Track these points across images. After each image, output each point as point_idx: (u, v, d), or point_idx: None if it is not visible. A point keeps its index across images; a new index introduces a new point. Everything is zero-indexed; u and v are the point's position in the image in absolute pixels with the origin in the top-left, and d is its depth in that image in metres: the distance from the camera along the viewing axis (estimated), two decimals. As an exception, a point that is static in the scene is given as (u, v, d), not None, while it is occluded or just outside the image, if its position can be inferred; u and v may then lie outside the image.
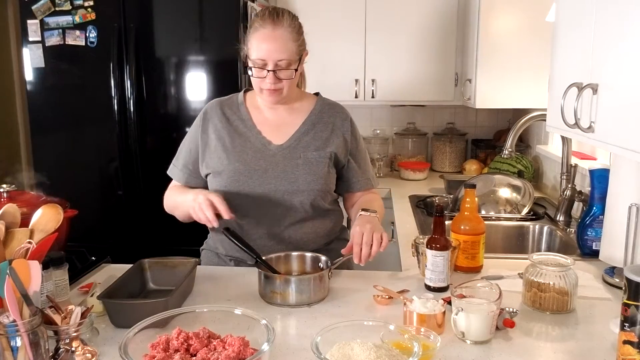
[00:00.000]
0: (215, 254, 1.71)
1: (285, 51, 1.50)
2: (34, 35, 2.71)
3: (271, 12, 1.53)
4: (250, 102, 1.67)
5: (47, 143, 2.83)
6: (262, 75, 1.53)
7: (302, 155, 1.60)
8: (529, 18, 2.57)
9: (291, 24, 1.53)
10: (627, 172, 1.53)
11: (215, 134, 1.63)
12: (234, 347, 0.99)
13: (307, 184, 1.59)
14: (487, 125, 3.56)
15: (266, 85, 1.54)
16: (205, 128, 1.65)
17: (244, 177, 1.58)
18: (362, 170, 1.71)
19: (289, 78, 1.54)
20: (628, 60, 1.17)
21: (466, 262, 1.59)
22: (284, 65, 1.51)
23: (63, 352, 1.05)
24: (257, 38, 1.51)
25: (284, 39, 1.51)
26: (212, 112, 1.66)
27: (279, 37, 1.50)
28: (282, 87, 1.55)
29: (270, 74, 1.52)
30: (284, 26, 1.51)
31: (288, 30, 1.52)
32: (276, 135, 1.63)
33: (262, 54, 1.50)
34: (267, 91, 1.55)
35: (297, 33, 1.55)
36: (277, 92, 1.56)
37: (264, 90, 1.56)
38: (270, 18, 1.51)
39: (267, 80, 1.53)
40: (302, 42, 1.57)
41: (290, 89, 1.58)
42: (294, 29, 1.54)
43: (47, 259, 1.26)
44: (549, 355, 1.15)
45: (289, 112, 1.66)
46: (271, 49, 1.50)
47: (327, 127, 1.65)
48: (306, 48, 1.60)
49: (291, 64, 1.53)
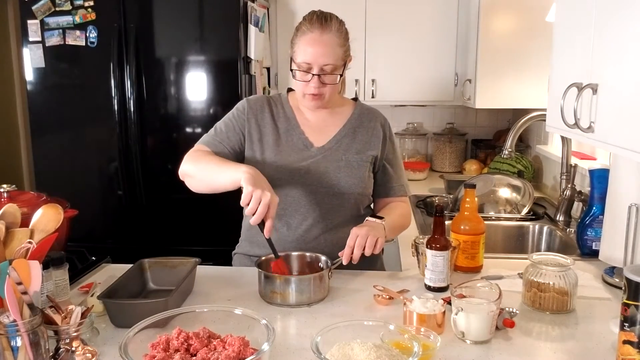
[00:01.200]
0: (248, 257, 1.68)
1: (331, 56, 1.49)
2: (34, 36, 2.72)
3: (319, 16, 1.52)
4: (293, 103, 1.66)
5: (47, 143, 2.83)
6: (306, 79, 1.51)
7: (344, 157, 1.59)
8: (529, 18, 2.57)
9: (339, 29, 1.52)
10: (626, 172, 1.53)
11: (259, 127, 1.61)
12: (234, 347, 0.99)
13: (349, 187, 1.58)
14: (487, 125, 3.56)
15: (309, 90, 1.52)
16: (250, 118, 1.61)
17: (285, 176, 1.56)
18: (397, 176, 1.70)
19: (333, 83, 1.53)
20: (628, 61, 1.17)
21: (466, 262, 1.59)
22: (328, 70, 1.50)
23: (63, 352, 1.05)
24: (304, 42, 1.50)
25: (331, 44, 1.49)
26: (257, 105, 1.64)
27: (327, 41, 1.49)
28: (325, 92, 1.53)
29: (314, 78, 1.50)
30: (332, 31, 1.50)
31: (336, 35, 1.50)
32: (317, 137, 1.62)
33: (308, 58, 1.49)
34: (310, 96, 1.54)
35: (344, 39, 1.54)
36: (320, 97, 1.54)
37: (306, 95, 1.55)
38: (318, 22, 1.50)
39: (311, 85, 1.51)
40: (347, 48, 1.56)
41: (332, 94, 1.56)
42: (341, 34, 1.52)
43: (47, 259, 1.26)
44: (548, 355, 1.16)
45: (330, 115, 1.65)
46: (318, 53, 1.48)
47: (367, 131, 1.64)
48: (351, 54, 1.58)
49: (336, 69, 1.51)
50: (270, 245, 1.43)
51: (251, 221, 1.35)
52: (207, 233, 2.74)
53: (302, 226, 1.58)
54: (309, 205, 1.57)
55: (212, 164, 1.50)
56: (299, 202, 1.57)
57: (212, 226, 2.72)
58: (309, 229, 1.58)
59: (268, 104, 1.65)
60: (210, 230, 2.73)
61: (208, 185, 1.52)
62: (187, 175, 1.55)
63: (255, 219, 1.33)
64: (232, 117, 1.64)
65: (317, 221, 1.58)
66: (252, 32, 2.75)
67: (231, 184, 1.42)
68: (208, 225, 2.74)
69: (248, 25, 2.74)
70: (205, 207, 2.75)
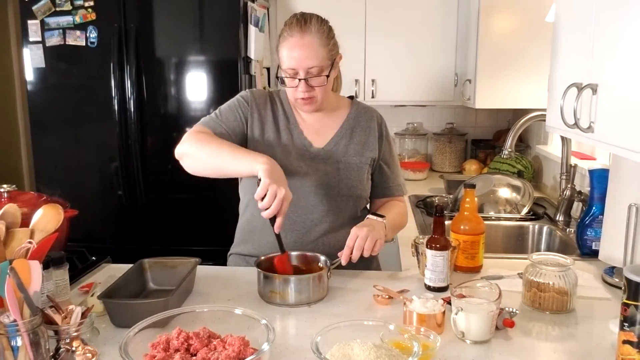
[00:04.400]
0: (243, 258, 1.67)
1: (314, 58, 1.47)
2: (34, 36, 2.72)
3: (299, 19, 1.50)
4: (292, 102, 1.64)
5: (47, 143, 2.84)
6: (294, 85, 1.51)
7: (343, 159, 1.59)
8: (529, 18, 2.57)
9: (319, 29, 1.49)
10: (626, 172, 1.53)
11: (261, 123, 1.59)
12: (234, 347, 0.99)
13: (347, 190, 1.57)
14: (487, 125, 3.56)
15: (299, 95, 1.51)
16: (253, 112, 1.59)
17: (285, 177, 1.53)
18: (394, 176, 1.69)
19: (321, 85, 1.51)
20: (628, 61, 1.17)
21: (466, 262, 1.59)
22: (315, 73, 1.49)
23: (63, 351, 1.05)
24: (286, 47, 1.49)
25: (313, 46, 1.47)
26: (261, 99, 1.61)
27: (308, 44, 1.47)
28: (315, 95, 1.52)
29: (302, 83, 1.49)
30: (312, 32, 1.48)
31: (317, 37, 1.48)
32: (316, 138, 1.61)
33: (293, 63, 1.48)
34: (301, 100, 1.53)
35: (327, 38, 1.51)
36: (311, 101, 1.53)
37: (298, 100, 1.54)
38: (297, 26, 1.48)
39: (300, 89, 1.50)
40: (332, 46, 1.53)
41: (325, 95, 1.55)
42: (322, 34, 1.50)
43: (47, 259, 1.26)
44: (548, 355, 1.16)
45: (327, 115, 1.63)
46: (301, 57, 1.47)
47: (364, 131, 1.63)
48: (339, 51, 1.57)
49: (323, 70, 1.50)
50: (279, 240, 1.42)
51: (264, 214, 1.33)
52: (207, 233, 2.73)
53: (301, 228, 1.57)
54: (307, 207, 1.56)
55: (224, 149, 1.44)
56: (297, 204, 1.55)
57: (212, 226, 2.72)
58: (307, 231, 1.57)
59: (270, 100, 1.63)
60: (210, 230, 2.73)
61: (214, 170, 1.47)
62: (188, 155, 1.49)
63: (269, 213, 1.32)
64: (237, 106, 1.59)
65: (315, 224, 1.57)
66: (252, 32, 2.75)
67: (248, 173, 1.40)
68: (208, 225, 2.74)
69: (248, 25, 2.74)
70: (206, 207, 2.75)
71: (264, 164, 1.35)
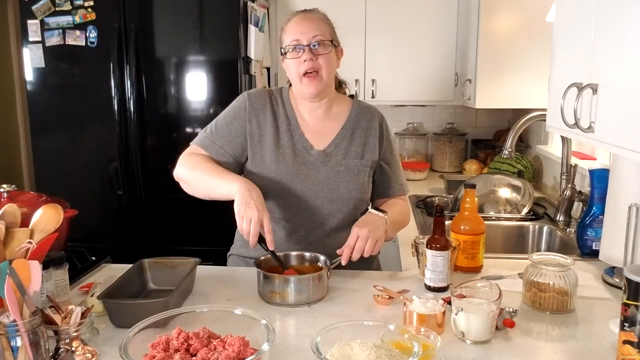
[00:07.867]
0: (243, 259, 1.68)
1: (318, 29, 1.51)
2: (34, 36, 2.72)
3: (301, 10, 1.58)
4: (294, 100, 1.63)
5: (47, 143, 2.83)
6: (297, 56, 1.50)
7: (343, 162, 1.58)
8: (529, 18, 2.57)
9: (323, 14, 1.58)
10: (627, 172, 1.53)
11: (260, 128, 1.58)
12: (234, 347, 0.99)
13: (348, 192, 1.57)
14: (487, 125, 3.56)
15: (304, 67, 1.50)
16: (251, 119, 1.58)
17: (285, 179, 1.54)
18: (396, 176, 1.68)
19: (325, 53, 1.51)
20: (628, 61, 1.17)
21: (466, 262, 1.59)
22: (318, 42, 1.50)
23: (63, 352, 1.05)
24: (290, 25, 1.53)
25: (316, 20, 1.53)
26: (259, 102, 1.60)
27: (311, 18, 1.54)
28: (319, 67, 1.50)
29: (306, 51, 1.49)
30: (315, 12, 1.56)
31: (320, 15, 1.56)
32: (317, 139, 1.60)
33: (296, 35, 1.51)
34: (307, 79, 1.51)
35: (330, 23, 1.57)
36: (316, 76, 1.51)
37: (303, 79, 1.51)
38: (302, 11, 1.57)
39: (303, 58, 1.49)
40: (334, 32, 1.58)
41: (329, 73, 1.54)
42: (326, 17, 1.58)
43: (47, 259, 1.26)
44: (548, 355, 1.16)
45: (327, 116, 1.62)
46: (305, 27, 1.51)
47: (365, 132, 1.62)
48: (341, 46, 1.60)
49: (326, 43, 1.52)
50: (275, 257, 1.44)
51: (250, 244, 1.37)
52: (207, 233, 2.73)
53: (301, 231, 1.57)
54: (308, 209, 1.56)
55: (206, 173, 1.51)
56: (297, 207, 1.55)
57: (212, 226, 2.71)
58: (307, 233, 1.57)
59: (270, 100, 1.61)
60: (210, 230, 2.73)
61: (205, 194, 1.55)
62: (182, 180, 1.58)
63: (252, 240, 1.36)
64: (232, 118, 1.59)
65: (315, 226, 1.57)
66: (252, 32, 2.75)
67: (227, 198, 1.44)
68: (208, 225, 2.74)
69: (248, 25, 2.74)
70: (205, 207, 2.73)
71: (237, 191, 1.40)
